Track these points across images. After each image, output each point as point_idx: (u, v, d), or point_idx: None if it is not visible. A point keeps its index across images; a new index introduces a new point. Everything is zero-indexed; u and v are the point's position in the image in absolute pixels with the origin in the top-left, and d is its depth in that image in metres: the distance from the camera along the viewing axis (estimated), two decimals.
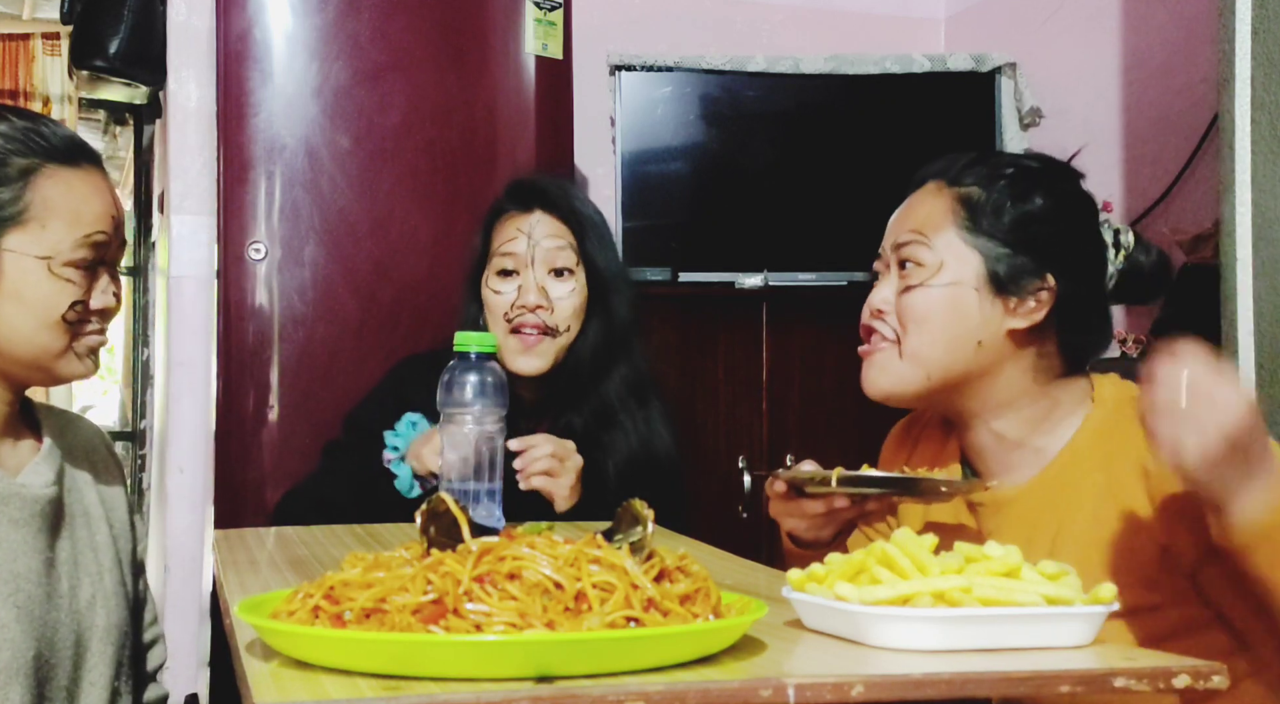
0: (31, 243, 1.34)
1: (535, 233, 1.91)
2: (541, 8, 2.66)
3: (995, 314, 1.37)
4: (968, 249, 1.38)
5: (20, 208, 1.34)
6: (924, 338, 1.38)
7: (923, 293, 1.38)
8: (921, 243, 1.39)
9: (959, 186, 1.41)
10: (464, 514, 1.00)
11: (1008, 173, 1.41)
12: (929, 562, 0.99)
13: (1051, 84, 3.27)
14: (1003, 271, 1.36)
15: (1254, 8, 1.91)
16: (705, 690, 0.82)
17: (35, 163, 1.36)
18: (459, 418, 1.54)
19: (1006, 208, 1.38)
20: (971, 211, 1.38)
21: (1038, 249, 1.37)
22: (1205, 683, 0.89)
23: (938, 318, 1.37)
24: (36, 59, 5.64)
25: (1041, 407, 1.40)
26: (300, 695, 0.80)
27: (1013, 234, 1.37)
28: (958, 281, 1.37)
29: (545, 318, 1.88)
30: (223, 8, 2.50)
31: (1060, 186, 1.42)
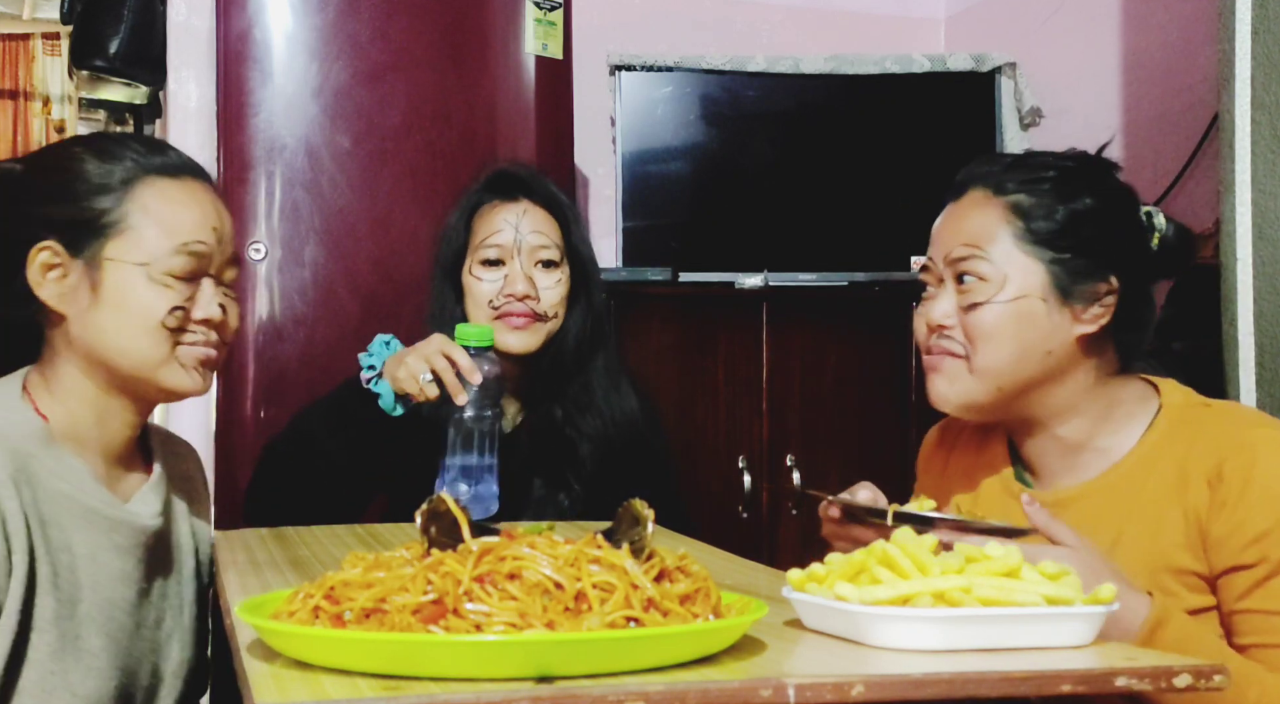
0: (129, 249, 1.35)
1: (522, 225, 1.91)
2: (541, 8, 2.66)
3: (1064, 322, 1.36)
4: (1028, 259, 1.36)
5: (118, 216, 1.35)
6: (995, 353, 1.36)
7: (990, 310, 1.35)
8: (980, 256, 1.37)
9: (1006, 195, 1.38)
10: (464, 514, 1.00)
11: (1051, 176, 1.39)
12: (929, 562, 0.99)
13: (1051, 84, 3.27)
14: (1066, 278, 1.35)
15: (1254, 8, 1.91)
16: (705, 690, 0.82)
17: (135, 173, 1.37)
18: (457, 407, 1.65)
19: (1059, 212, 1.36)
20: (1025, 220, 1.36)
21: (1095, 250, 1.36)
22: (1207, 683, 0.89)
23: (1007, 333, 1.35)
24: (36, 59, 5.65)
25: (1102, 406, 1.40)
26: (300, 695, 0.80)
27: (1069, 238, 1.36)
28: (1023, 294, 1.35)
29: (533, 306, 1.89)
30: (223, 8, 2.50)
31: (1104, 182, 1.41)
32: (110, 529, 1.37)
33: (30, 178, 1.39)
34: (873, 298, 3.02)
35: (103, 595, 1.36)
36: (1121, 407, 1.40)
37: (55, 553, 1.32)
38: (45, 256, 1.34)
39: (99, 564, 1.36)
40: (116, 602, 1.38)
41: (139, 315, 1.35)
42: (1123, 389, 1.41)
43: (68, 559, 1.33)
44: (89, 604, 1.35)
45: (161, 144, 1.45)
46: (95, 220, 1.35)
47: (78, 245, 1.34)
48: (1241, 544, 1.27)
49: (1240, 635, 1.28)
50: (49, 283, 1.35)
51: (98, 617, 1.36)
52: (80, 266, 1.34)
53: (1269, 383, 1.89)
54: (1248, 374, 1.93)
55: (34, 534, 1.30)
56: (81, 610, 1.34)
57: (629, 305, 2.81)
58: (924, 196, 3.26)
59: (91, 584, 1.35)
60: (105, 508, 1.36)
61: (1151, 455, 1.36)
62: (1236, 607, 1.27)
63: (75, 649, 1.33)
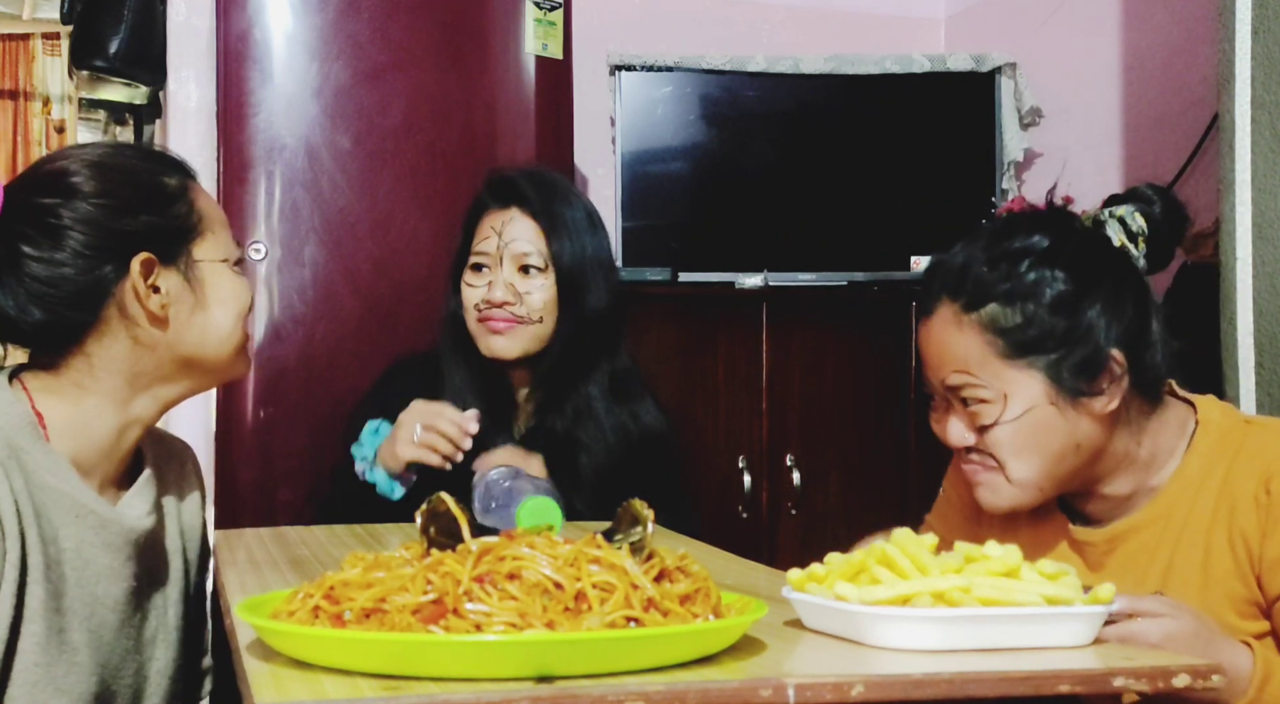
0: (212, 249, 1.43)
1: (505, 233, 1.92)
2: (541, 8, 2.66)
3: (1081, 413, 1.31)
4: (1022, 373, 1.30)
5: (195, 219, 1.42)
6: (1025, 465, 1.32)
7: (1002, 430, 1.31)
8: (974, 383, 1.32)
9: (975, 310, 1.32)
10: (464, 514, 1.00)
11: (1018, 271, 1.32)
12: (929, 562, 0.99)
13: (1051, 84, 3.27)
14: (1068, 376, 1.30)
15: (1254, 8, 1.91)
16: (705, 690, 0.82)
17: (181, 180, 1.44)
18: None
19: (1034, 313, 1.30)
20: (1004, 336, 1.31)
21: (1087, 332, 1.31)
22: (1204, 682, 0.89)
23: (1028, 446, 1.31)
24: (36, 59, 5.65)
25: (1145, 454, 1.36)
26: (300, 695, 0.80)
27: (1056, 337, 1.30)
28: (1030, 408, 1.30)
29: (514, 310, 1.91)
30: (223, 8, 2.50)
31: (1068, 248, 1.34)
32: (99, 526, 1.37)
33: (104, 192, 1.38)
34: (873, 298, 3.01)
35: (88, 591, 1.36)
36: (1162, 447, 1.36)
37: (45, 543, 1.32)
38: (145, 268, 1.37)
39: (85, 559, 1.36)
40: (101, 598, 1.38)
41: (238, 307, 1.44)
42: (1160, 425, 1.36)
43: (55, 552, 1.33)
44: (73, 598, 1.35)
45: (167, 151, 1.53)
46: (179, 226, 1.41)
47: (169, 253, 1.39)
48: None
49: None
50: (151, 293, 1.38)
51: (81, 612, 1.36)
52: (175, 273, 1.40)
53: (1269, 383, 1.88)
54: (1247, 374, 1.93)
55: (25, 521, 1.30)
56: (66, 604, 1.34)
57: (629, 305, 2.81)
58: (924, 196, 3.28)
59: (77, 579, 1.35)
60: (94, 505, 1.37)
61: (1195, 481, 1.33)
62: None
63: (60, 643, 1.33)
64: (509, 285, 1.91)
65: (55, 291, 1.34)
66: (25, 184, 1.39)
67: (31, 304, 1.34)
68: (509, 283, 1.91)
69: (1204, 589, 1.29)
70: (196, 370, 1.44)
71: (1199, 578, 1.29)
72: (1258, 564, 1.27)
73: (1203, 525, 1.31)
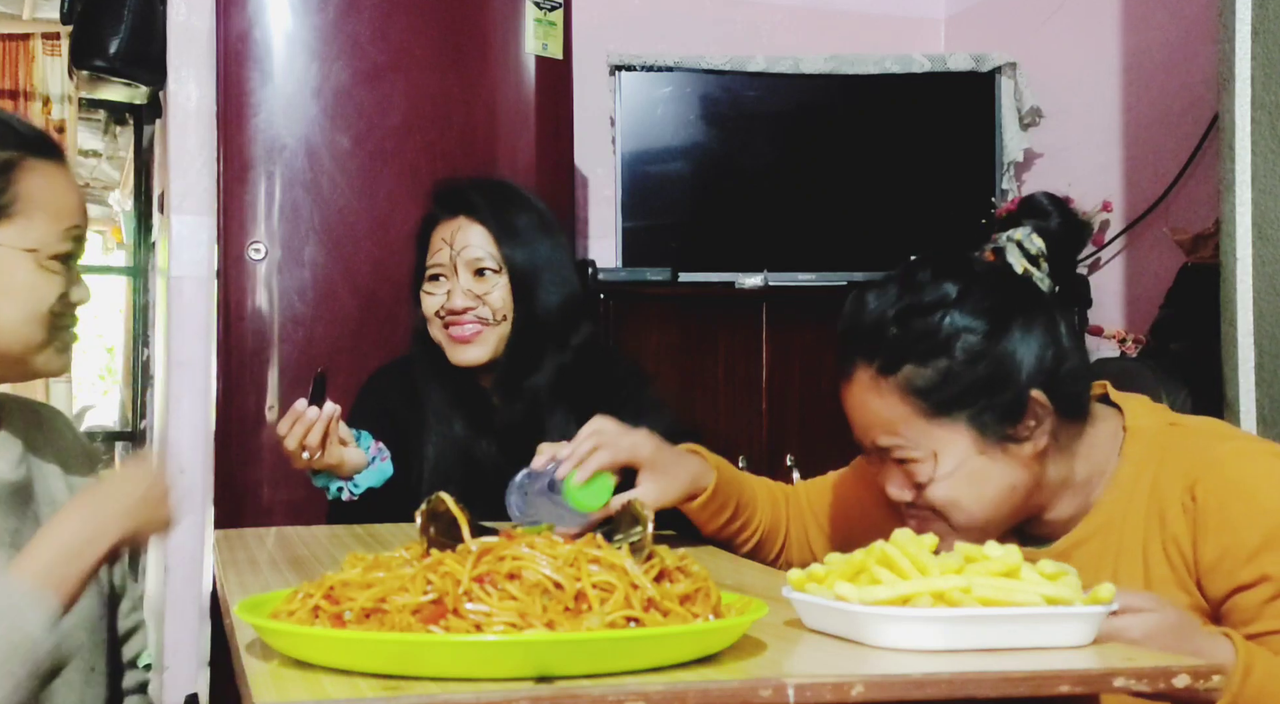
0: (18, 236, 1.32)
1: (456, 241, 1.94)
2: (541, 8, 2.66)
3: (1012, 456, 1.31)
4: (947, 431, 1.30)
5: (6, 201, 1.32)
6: (965, 513, 1.32)
7: (938, 487, 1.31)
8: (900, 445, 1.32)
9: (891, 374, 1.31)
10: (464, 514, 1.00)
11: (929, 325, 1.30)
12: (929, 562, 0.99)
13: (1051, 84, 3.27)
14: (993, 424, 1.29)
15: (1254, 8, 1.91)
16: (705, 690, 0.82)
17: (15, 156, 1.34)
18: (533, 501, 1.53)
19: (950, 369, 1.29)
20: (926, 397, 1.30)
21: (1005, 378, 1.30)
22: (1205, 683, 0.89)
23: (965, 497, 1.31)
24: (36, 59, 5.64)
25: (1082, 475, 1.36)
26: (300, 695, 0.80)
27: (976, 387, 1.29)
28: (960, 462, 1.31)
29: (477, 313, 1.93)
30: (223, 8, 2.50)
31: (974, 292, 1.32)
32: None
33: None
34: None
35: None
36: (1096, 458, 1.36)
37: None
38: None
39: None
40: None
41: (29, 302, 1.34)
42: (1091, 444, 1.36)
43: None
44: None
45: (16, 116, 1.41)
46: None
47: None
48: (1236, 565, 1.23)
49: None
50: None
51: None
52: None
53: (1268, 383, 1.88)
54: (1247, 374, 1.93)
55: None
56: None
57: (629, 305, 2.81)
58: (924, 196, 3.28)
59: None
60: None
61: (1127, 489, 1.33)
62: (1251, 631, 1.23)
63: None
64: (466, 291, 1.93)
65: None
66: None
67: None
68: (466, 289, 1.93)
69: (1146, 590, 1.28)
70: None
71: (1140, 581, 1.29)
72: (1194, 570, 1.27)
73: (1138, 537, 1.31)
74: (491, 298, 1.94)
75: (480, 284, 1.94)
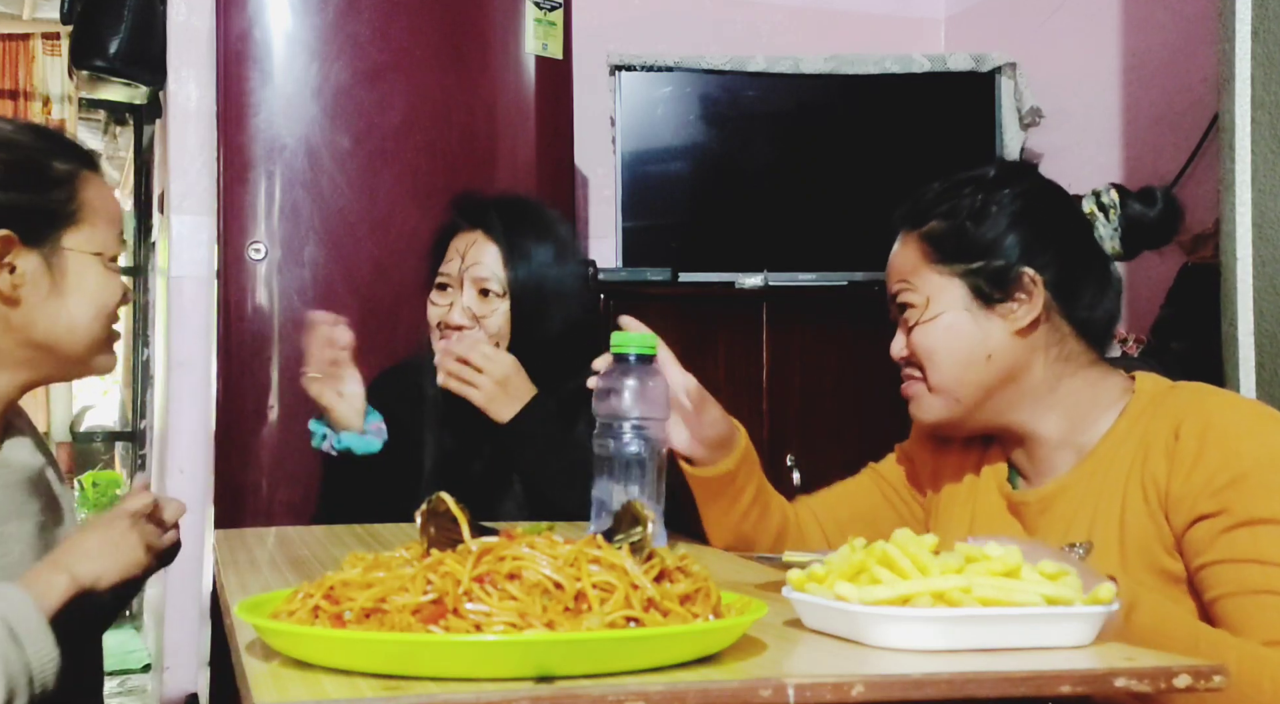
0: (86, 240, 1.43)
1: (468, 255, 1.93)
2: (541, 8, 2.66)
3: (993, 324, 1.42)
4: (943, 278, 1.45)
5: (74, 208, 1.43)
6: (939, 369, 1.44)
7: (920, 331, 1.46)
8: (906, 287, 1.48)
9: (921, 227, 1.48)
10: (464, 514, 0.99)
11: (962, 193, 1.47)
12: (929, 562, 0.99)
13: (1051, 84, 3.27)
14: (982, 284, 1.42)
15: (1254, 8, 1.91)
16: (705, 690, 0.82)
17: (74, 167, 1.44)
18: (619, 427, 1.40)
19: (966, 227, 1.44)
20: (936, 245, 1.46)
21: (1005, 250, 1.42)
22: (1206, 683, 0.89)
23: (942, 348, 1.44)
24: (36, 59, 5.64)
25: (1081, 400, 1.42)
26: (300, 695, 0.80)
27: (977, 247, 1.43)
28: (945, 310, 1.44)
29: (472, 334, 1.92)
30: (223, 8, 2.50)
31: (1008, 184, 1.47)
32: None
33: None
34: (873, 298, 3.00)
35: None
36: (1100, 402, 1.42)
37: None
38: (0, 244, 1.38)
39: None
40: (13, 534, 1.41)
41: (100, 301, 1.45)
42: (1099, 381, 1.43)
43: None
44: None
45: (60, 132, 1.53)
46: (54, 211, 1.41)
47: (35, 235, 1.40)
48: (1201, 498, 1.27)
49: (1208, 590, 1.26)
50: (5, 271, 1.39)
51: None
52: (36, 256, 1.40)
53: (1269, 383, 1.88)
54: (1247, 374, 1.94)
55: None
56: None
57: (629, 305, 2.80)
58: None
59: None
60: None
61: (1120, 440, 1.38)
62: (1203, 561, 1.26)
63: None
64: (466, 309, 1.92)
65: None
66: None
67: None
68: (467, 307, 1.92)
69: (1122, 540, 1.32)
70: (48, 358, 1.44)
71: (1117, 529, 1.33)
72: (1164, 502, 1.31)
73: (1121, 477, 1.36)
74: (490, 322, 1.92)
75: (482, 305, 1.93)
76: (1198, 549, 1.27)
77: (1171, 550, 1.30)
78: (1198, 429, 1.30)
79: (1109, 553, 1.32)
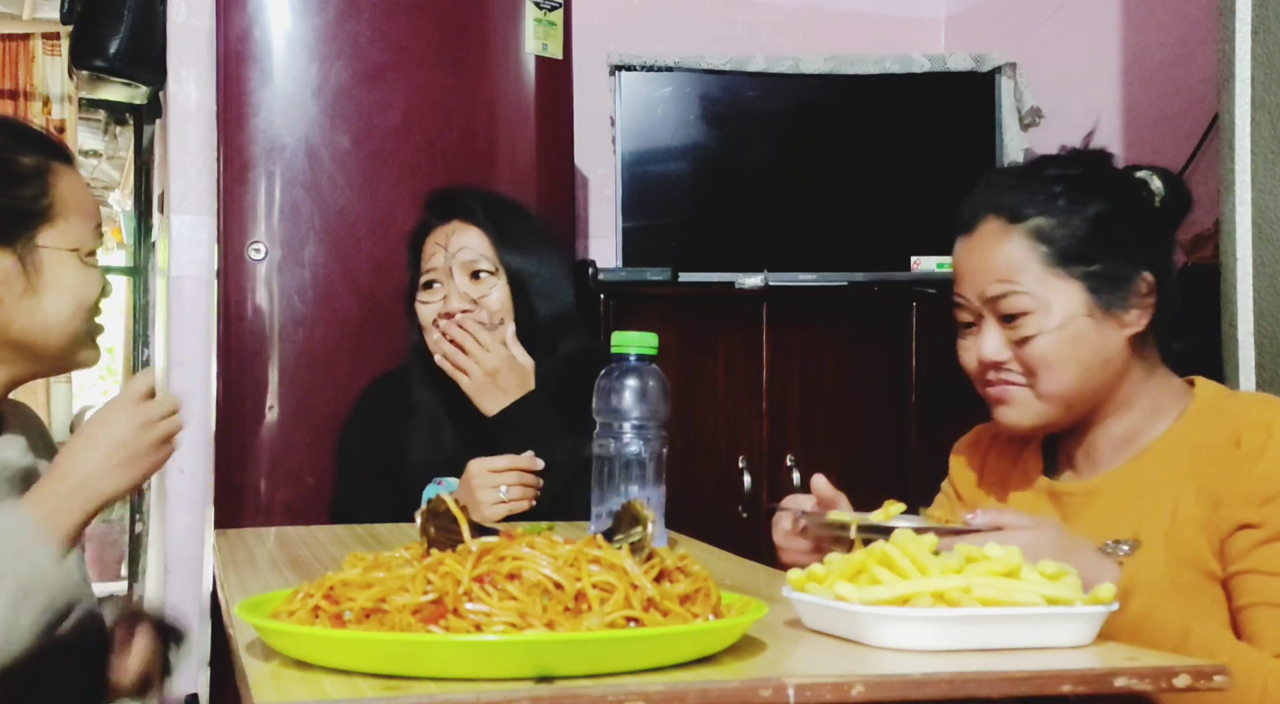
0: (60, 236, 1.42)
1: (451, 244, 1.93)
2: (541, 8, 2.66)
3: (1112, 330, 1.39)
4: (1063, 282, 1.38)
5: (46, 204, 1.41)
6: (1057, 379, 1.38)
7: (1042, 341, 1.37)
8: (1017, 291, 1.38)
9: (1023, 221, 1.39)
10: (464, 514, 0.99)
11: (1060, 190, 1.40)
12: (929, 562, 0.99)
13: (1051, 84, 3.27)
14: (1105, 289, 1.38)
15: (1254, 8, 1.91)
16: (705, 690, 0.82)
17: (43, 161, 1.42)
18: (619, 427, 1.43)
19: (1079, 226, 1.38)
20: (1049, 243, 1.38)
21: (1122, 251, 1.38)
22: (1207, 683, 0.89)
23: (1064, 358, 1.37)
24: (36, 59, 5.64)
25: (1151, 398, 1.42)
26: (300, 695, 0.80)
27: (1095, 248, 1.37)
28: (1070, 318, 1.37)
29: (475, 316, 1.91)
30: (223, 8, 2.50)
31: (1108, 178, 1.43)
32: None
33: None
34: (873, 298, 3.01)
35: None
36: (1165, 399, 1.42)
37: None
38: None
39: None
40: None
41: (77, 298, 1.43)
42: (1166, 382, 1.43)
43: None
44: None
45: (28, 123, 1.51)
46: (25, 210, 1.39)
47: (6, 235, 1.39)
48: (1248, 506, 1.27)
49: (1236, 597, 1.27)
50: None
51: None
52: (9, 256, 1.39)
53: (1268, 383, 1.88)
54: (1247, 374, 1.93)
55: None
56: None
57: (629, 305, 2.81)
58: (924, 197, 3.28)
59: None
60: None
61: (1177, 442, 1.38)
62: (1236, 569, 1.27)
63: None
64: (463, 294, 1.92)
65: None
66: None
67: None
68: (462, 292, 1.92)
69: (1170, 541, 1.32)
70: (26, 356, 1.44)
71: (1166, 530, 1.33)
72: (1217, 508, 1.30)
73: (1174, 479, 1.35)
74: (489, 300, 1.92)
75: (477, 287, 1.93)
76: (1233, 557, 1.28)
77: (1218, 555, 1.30)
78: (1260, 440, 1.29)
79: (1155, 553, 1.31)
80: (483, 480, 1.79)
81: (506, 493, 1.77)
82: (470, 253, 1.93)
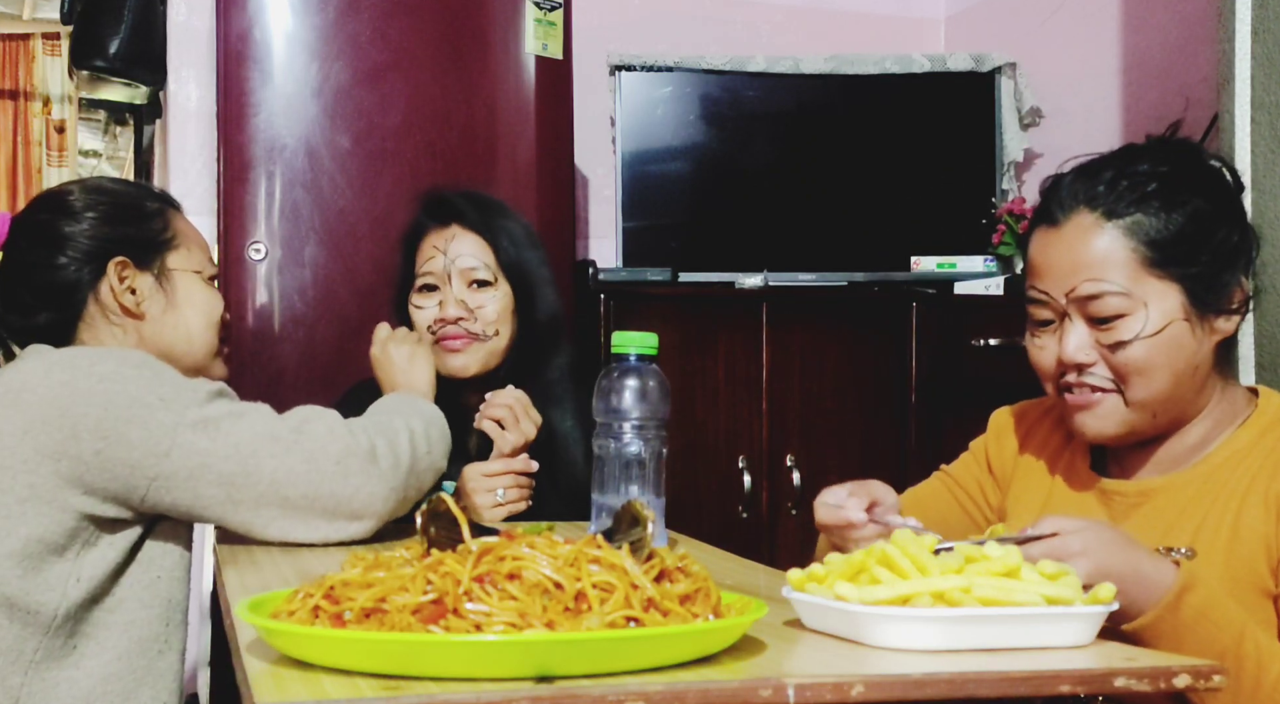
0: (185, 260, 1.66)
1: (451, 249, 1.92)
2: (541, 8, 2.66)
3: (1205, 334, 1.32)
4: (1164, 285, 1.29)
5: (171, 234, 1.66)
6: (1151, 386, 1.30)
7: (1140, 346, 1.29)
8: (1114, 291, 1.29)
9: (1118, 218, 1.30)
10: (464, 514, 1.00)
11: (1155, 187, 1.31)
12: (929, 562, 0.99)
13: (1051, 84, 3.27)
14: (1203, 293, 1.30)
15: (1254, 8, 1.92)
16: (705, 690, 0.82)
17: (161, 205, 1.68)
18: (617, 427, 1.42)
19: (1178, 225, 1.30)
20: (1149, 244, 1.29)
21: (1221, 253, 1.31)
22: (1206, 683, 0.89)
23: (1160, 365, 1.30)
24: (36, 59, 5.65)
25: (1225, 409, 1.36)
26: (300, 695, 0.80)
27: (1194, 249, 1.30)
28: (1169, 322, 1.29)
29: (468, 326, 1.91)
30: (223, 8, 2.50)
31: (1203, 174, 1.35)
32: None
33: (93, 205, 1.63)
34: (873, 298, 3.01)
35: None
36: (1234, 407, 1.37)
37: None
38: (119, 269, 1.60)
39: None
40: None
41: (207, 312, 1.67)
42: (1231, 391, 1.37)
43: None
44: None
45: (157, 188, 1.83)
46: (155, 238, 1.65)
47: (144, 259, 1.63)
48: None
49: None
50: (124, 291, 1.60)
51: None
52: (149, 277, 1.63)
53: (1268, 383, 1.88)
54: (1247, 375, 1.94)
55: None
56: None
57: (629, 305, 2.81)
58: (924, 197, 3.28)
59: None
60: None
61: (1241, 451, 1.33)
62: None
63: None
64: (460, 302, 1.91)
65: (51, 292, 1.59)
66: (30, 207, 1.67)
67: (37, 305, 1.60)
68: (460, 299, 1.91)
69: (1231, 551, 1.28)
70: (175, 366, 1.58)
71: (1227, 539, 1.28)
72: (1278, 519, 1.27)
73: (1240, 488, 1.30)
74: (485, 312, 1.92)
75: (474, 296, 1.92)
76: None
77: (1275, 573, 1.27)
78: None
79: (1214, 562, 1.27)
80: (478, 484, 1.79)
81: (504, 495, 1.78)
82: (471, 260, 1.92)
